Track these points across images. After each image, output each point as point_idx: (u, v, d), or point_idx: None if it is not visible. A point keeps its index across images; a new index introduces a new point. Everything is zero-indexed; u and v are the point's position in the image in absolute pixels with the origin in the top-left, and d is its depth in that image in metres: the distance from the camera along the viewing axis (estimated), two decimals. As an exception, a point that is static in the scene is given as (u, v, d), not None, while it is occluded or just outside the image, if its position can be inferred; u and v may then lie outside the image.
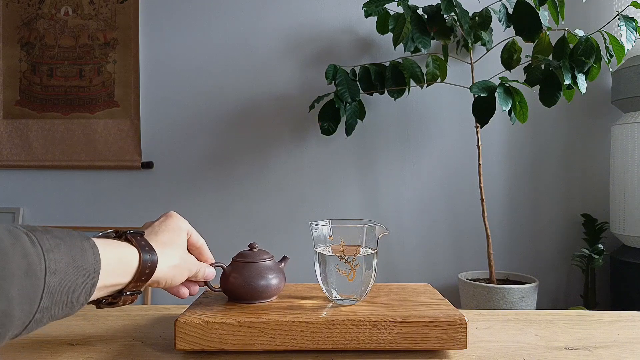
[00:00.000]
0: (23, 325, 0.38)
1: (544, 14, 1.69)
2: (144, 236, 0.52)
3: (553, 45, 1.71)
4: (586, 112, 2.11)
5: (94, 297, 0.45)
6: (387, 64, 1.89)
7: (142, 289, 0.51)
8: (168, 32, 2.20)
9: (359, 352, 0.56)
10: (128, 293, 0.49)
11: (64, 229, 0.43)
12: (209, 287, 0.63)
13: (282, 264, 0.66)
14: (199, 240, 0.61)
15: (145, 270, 0.49)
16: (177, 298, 0.59)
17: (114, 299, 0.49)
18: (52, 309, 0.40)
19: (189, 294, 0.61)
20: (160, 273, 0.51)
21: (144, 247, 0.50)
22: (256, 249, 0.65)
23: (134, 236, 0.51)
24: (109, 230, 0.53)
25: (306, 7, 2.16)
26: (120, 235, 0.51)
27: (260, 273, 0.61)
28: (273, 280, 0.62)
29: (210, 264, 0.63)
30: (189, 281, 0.59)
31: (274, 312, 0.58)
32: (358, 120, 1.91)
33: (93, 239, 0.45)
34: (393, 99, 1.93)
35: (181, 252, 0.56)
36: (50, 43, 2.23)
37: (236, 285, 0.61)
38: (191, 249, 0.61)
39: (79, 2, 2.21)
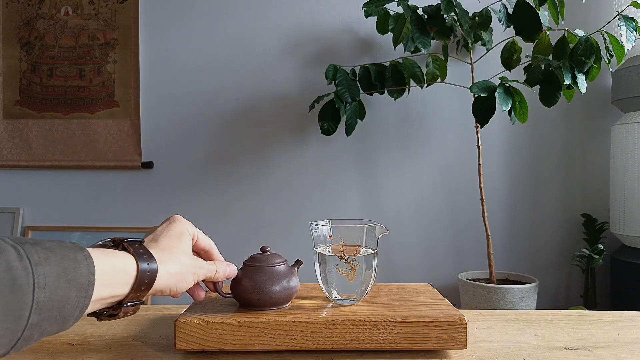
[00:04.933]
0: (10, 344, 0.36)
1: (544, 14, 1.69)
2: (143, 244, 0.50)
3: (553, 45, 1.71)
4: (586, 112, 2.11)
5: (90, 309, 0.43)
6: (387, 64, 1.89)
7: (143, 299, 0.48)
8: (168, 32, 2.20)
9: (359, 352, 0.56)
10: (129, 304, 0.47)
11: (56, 240, 0.41)
12: (219, 293, 0.60)
13: (296, 268, 0.63)
14: (208, 243, 0.59)
15: (145, 279, 0.47)
16: (177, 298, 0.57)
17: (114, 311, 0.47)
18: (42, 325, 0.38)
19: (195, 300, 0.59)
20: (161, 281, 0.49)
21: (142, 256, 0.47)
22: (268, 252, 0.62)
23: (131, 244, 0.48)
24: (107, 239, 0.50)
25: (306, 7, 2.16)
26: (117, 244, 0.49)
27: (273, 278, 0.59)
28: (287, 285, 0.59)
29: None
30: (196, 285, 0.57)
31: (274, 312, 0.58)
32: (358, 120, 1.91)
33: (88, 249, 0.43)
34: (393, 99, 1.93)
35: (183, 258, 0.52)
36: (50, 43, 2.22)
37: (247, 290, 0.58)
38: (199, 253, 0.59)
39: (79, 2, 2.21)
